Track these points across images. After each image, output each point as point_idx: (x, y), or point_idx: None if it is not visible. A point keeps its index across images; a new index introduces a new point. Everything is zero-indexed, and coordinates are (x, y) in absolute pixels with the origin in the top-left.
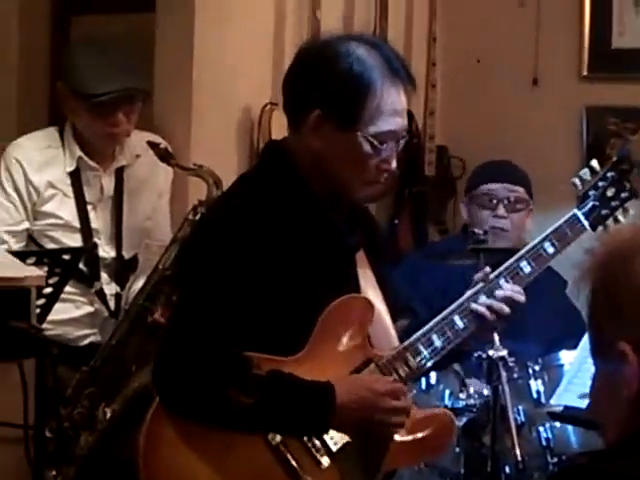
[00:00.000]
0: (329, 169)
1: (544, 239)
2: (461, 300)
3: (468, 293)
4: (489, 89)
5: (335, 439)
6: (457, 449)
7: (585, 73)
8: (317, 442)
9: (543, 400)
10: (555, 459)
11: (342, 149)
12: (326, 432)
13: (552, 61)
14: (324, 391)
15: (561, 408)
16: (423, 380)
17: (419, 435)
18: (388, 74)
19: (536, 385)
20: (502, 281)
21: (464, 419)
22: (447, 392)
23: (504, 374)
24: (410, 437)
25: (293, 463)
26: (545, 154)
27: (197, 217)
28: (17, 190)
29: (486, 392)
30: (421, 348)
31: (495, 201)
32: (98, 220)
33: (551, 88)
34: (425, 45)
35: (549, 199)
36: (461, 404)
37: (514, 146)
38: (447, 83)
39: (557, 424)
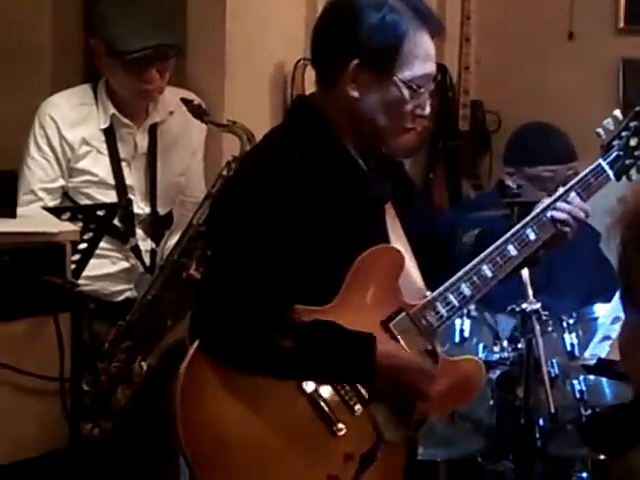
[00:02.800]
0: (366, 118)
1: (569, 189)
2: (489, 250)
3: (495, 244)
4: (525, 43)
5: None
6: (491, 401)
7: (622, 25)
8: (350, 389)
9: (577, 353)
10: (589, 411)
11: (380, 96)
12: (367, 381)
13: (588, 14)
14: (366, 341)
15: (595, 361)
16: (457, 333)
17: (450, 381)
18: (418, 21)
19: (570, 338)
20: (529, 230)
21: (498, 372)
22: (481, 345)
23: (538, 327)
24: (441, 381)
25: (326, 410)
26: (581, 108)
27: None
28: (51, 147)
29: (520, 345)
30: (450, 297)
31: (555, 183)
32: (132, 177)
33: (587, 41)
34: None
35: (584, 154)
36: (495, 357)
37: (550, 101)
38: (482, 37)
39: (591, 377)
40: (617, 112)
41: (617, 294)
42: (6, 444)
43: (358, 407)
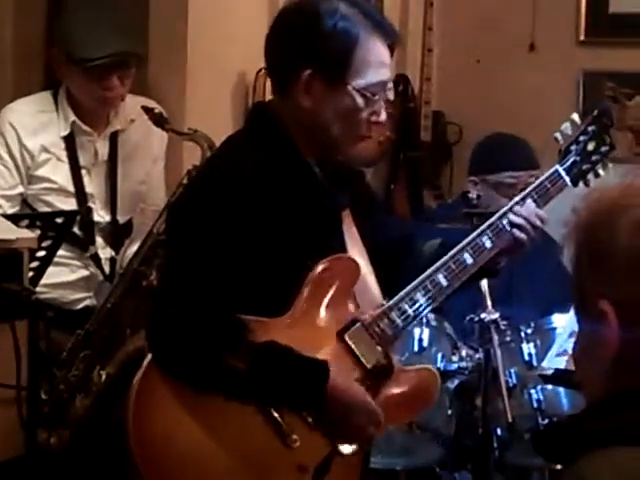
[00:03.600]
0: (320, 127)
1: (526, 195)
2: (444, 259)
3: (450, 253)
4: (486, 54)
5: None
6: (449, 411)
7: (582, 38)
8: None
9: (535, 363)
10: (546, 421)
11: (333, 105)
12: (316, 410)
13: (549, 26)
14: (319, 370)
15: (552, 371)
16: (416, 342)
17: (404, 389)
18: (371, 28)
19: (528, 348)
20: (484, 237)
21: (456, 381)
22: (439, 355)
23: (496, 337)
24: (396, 391)
25: (280, 422)
26: (542, 120)
27: None
28: (11, 154)
29: (478, 355)
30: (405, 307)
31: (518, 189)
32: (92, 184)
33: (548, 53)
34: (422, 10)
35: (546, 164)
36: (453, 367)
37: (511, 112)
38: (444, 48)
39: (548, 386)
40: (575, 116)
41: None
42: None
43: (311, 419)
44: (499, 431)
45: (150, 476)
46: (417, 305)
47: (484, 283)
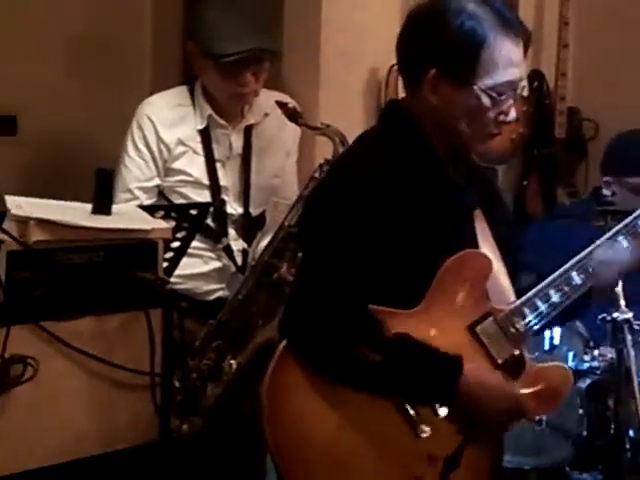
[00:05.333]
0: (448, 125)
1: None
2: (579, 257)
3: (586, 250)
4: (624, 48)
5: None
6: (580, 411)
7: None
8: None
9: None
10: None
11: (460, 104)
12: (450, 402)
13: None
14: (451, 363)
15: None
16: (546, 341)
17: (536, 388)
18: (500, 26)
19: None
20: (620, 237)
21: (588, 381)
22: (571, 354)
23: (629, 337)
24: (528, 390)
25: (410, 412)
26: None
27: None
28: (148, 147)
29: (610, 355)
30: (538, 303)
31: None
32: (226, 177)
33: None
34: (558, 4)
35: None
36: (585, 366)
37: None
38: (580, 43)
39: None
40: None
41: None
42: (98, 434)
43: (443, 410)
44: (631, 432)
45: (284, 460)
46: (550, 302)
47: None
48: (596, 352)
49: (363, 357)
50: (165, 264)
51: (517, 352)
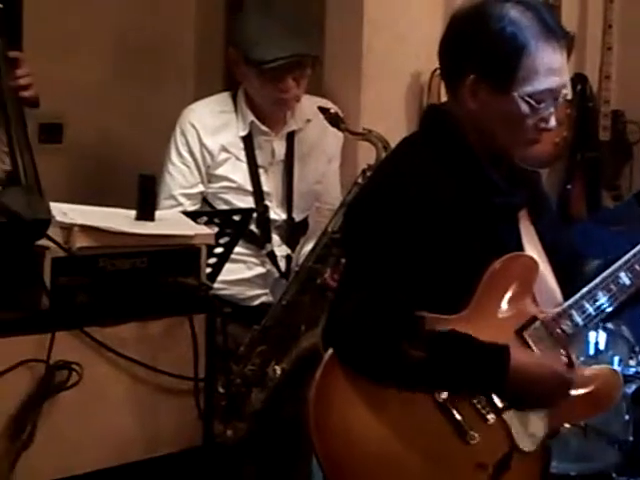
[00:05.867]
0: (488, 131)
1: None
2: (627, 257)
3: (634, 250)
4: None
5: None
6: (626, 416)
7: None
8: (483, 398)
9: None
10: None
11: (499, 111)
12: (498, 393)
13: None
14: (499, 353)
15: None
16: (592, 345)
17: (584, 391)
18: (542, 33)
19: None
20: None
21: (634, 386)
22: (616, 358)
23: None
24: (576, 393)
25: (459, 419)
26: None
27: None
28: (192, 154)
29: None
30: (586, 305)
31: None
32: (269, 183)
33: None
34: (602, 7)
35: None
36: (631, 371)
37: None
38: (624, 46)
39: None
40: None
41: None
42: (142, 440)
43: (491, 416)
44: None
45: (331, 467)
46: (598, 304)
47: None
48: None
49: (406, 354)
50: (208, 270)
51: (565, 355)
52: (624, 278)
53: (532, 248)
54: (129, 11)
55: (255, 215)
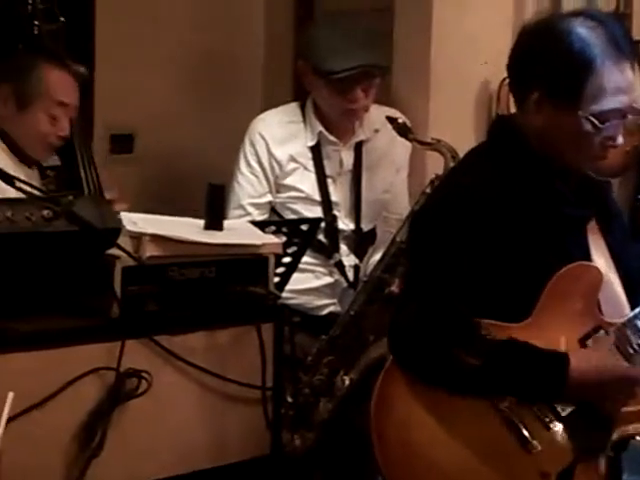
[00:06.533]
0: (552, 146)
1: None
2: None
3: None
4: None
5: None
6: None
7: None
8: (545, 406)
9: None
10: None
11: (564, 128)
12: (557, 401)
13: None
14: (558, 360)
15: None
16: None
17: None
18: (611, 51)
19: None
20: None
21: None
22: None
23: None
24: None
25: (521, 427)
26: None
27: None
28: (261, 164)
29: None
30: None
31: None
32: (337, 193)
33: None
34: None
35: None
36: None
37: None
38: None
39: None
40: None
41: None
42: (210, 448)
43: (554, 424)
44: None
45: (391, 476)
46: None
47: None
48: None
49: (462, 361)
50: (276, 279)
51: (629, 365)
52: None
53: (600, 259)
54: (199, 25)
55: (323, 225)
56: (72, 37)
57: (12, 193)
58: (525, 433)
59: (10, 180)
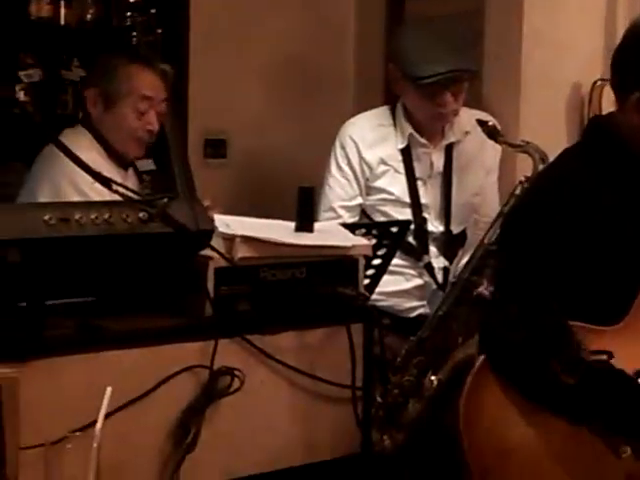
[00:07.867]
0: None
1: None
2: None
3: None
4: None
5: None
6: None
7: None
8: None
9: None
10: None
11: None
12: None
13: None
14: None
15: None
16: None
17: None
18: None
19: None
20: None
21: None
22: None
23: None
24: None
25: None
26: None
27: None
28: (351, 166)
29: None
30: None
31: None
32: (427, 195)
33: None
34: None
35: None
36: None
37: None
38: None
39: None
40: None
41: None
42: (301, 445)
43: None
44: None
45: (481, 474)
46: None
47: None
48: None
49: (557, 377)
50: (366, 281)
51: None
52: None
53: None
54: (290, 33)
55: (413, 227)
56: (168, 47)
57: (107, 195)
58: (616, 438)
59: (107, 183)
